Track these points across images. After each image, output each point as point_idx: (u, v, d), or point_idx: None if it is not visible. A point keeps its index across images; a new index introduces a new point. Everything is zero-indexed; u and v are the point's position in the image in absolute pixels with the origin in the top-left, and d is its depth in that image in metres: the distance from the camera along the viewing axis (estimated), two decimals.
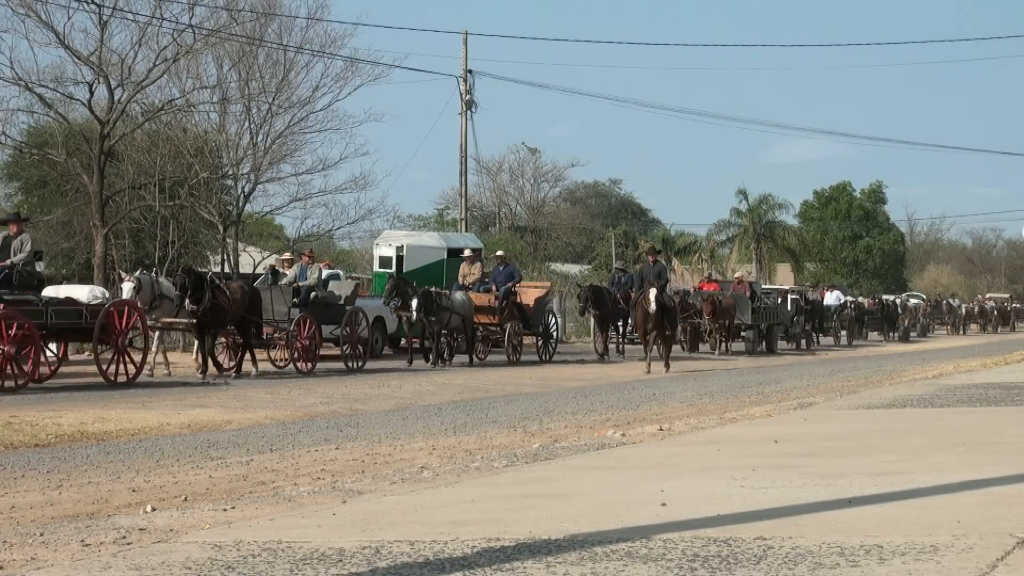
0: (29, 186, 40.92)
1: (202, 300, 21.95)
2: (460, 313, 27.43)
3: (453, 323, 27.44)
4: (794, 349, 40.86)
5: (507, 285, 29.12)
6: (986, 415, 13.55)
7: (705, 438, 11.78)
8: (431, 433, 13.93)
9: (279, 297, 24.28)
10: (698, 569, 5.59)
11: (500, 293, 28.94)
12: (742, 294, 37.03)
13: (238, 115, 38.18)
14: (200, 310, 21.94)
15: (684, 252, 73.39)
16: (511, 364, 27.78)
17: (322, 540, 6.57)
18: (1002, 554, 5.71)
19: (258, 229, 47.61)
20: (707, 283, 39.99)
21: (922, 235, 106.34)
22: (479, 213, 64.28)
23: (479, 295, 28.80)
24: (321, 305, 25.22)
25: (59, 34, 34.19)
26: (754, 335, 37.46)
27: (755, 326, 37.40)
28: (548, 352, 30.35)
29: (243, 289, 23.21)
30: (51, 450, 12.44)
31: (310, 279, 25.30)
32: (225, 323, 22.83)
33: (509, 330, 28.62)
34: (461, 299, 27.75)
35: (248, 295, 23.12)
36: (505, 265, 30.13)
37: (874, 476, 8.39)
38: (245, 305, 22.90)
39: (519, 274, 30.85)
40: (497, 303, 28.86)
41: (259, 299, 23.49)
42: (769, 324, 38.32)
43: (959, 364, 27.11)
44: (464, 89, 46.31)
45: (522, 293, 30.24)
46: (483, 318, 28.93)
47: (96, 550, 6.65)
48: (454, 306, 27.27)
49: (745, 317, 36.62)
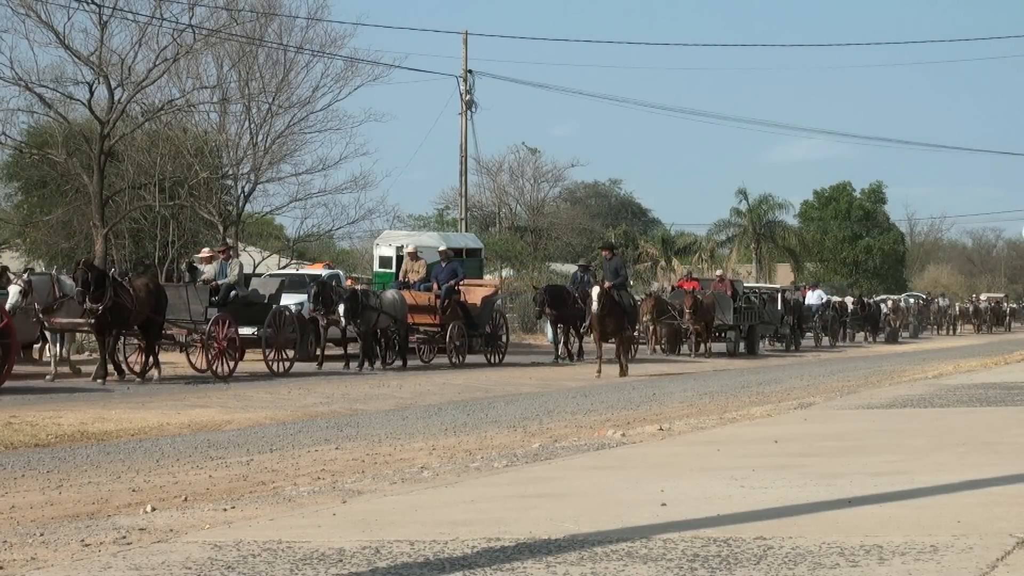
0: (29, 186, 40.98)
1: (103, 299, 20.48)
2: (390, 313, 25.68)
3: (382, 323, 25.75)
4: (783, 350, 39.67)
5: (449, 283, 27.54)
6: (986, 415, 13.54)
7: (705, 438, 11.77)
8: (431, 433, 13.93)
9: (195, 296, 22.63)
10: (698, 569, 5.59)
11: (441, 292, 27.36)
12: (723, 293, 35.53)
13: (238, 115, 38.27)
14: (100, 309, 20.47)
15: (684, 252, 73.39)
16: (453, 367, 26.25)
17: (322, 540, 6.56)
18: (1002, 554, 5.71)
19: (258, 229, 47.67)
20: (687, 281, 37.92)
21: (922, 235, 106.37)
22: (479, 213, 64.27)
23: (419, 294, 27.31)
24: (242, 304, 23.54)
25: (59, 34, 34.28)
26: (735, 336, 35.82)
27: (736, 327, 35.76)
28: (497, 354, 28.76)
29: (148, 287, 21.68)
30: (51, 450, 12.44)
31: (230, 276, 23.43)
32: (128, 323, 21.24)
33: (451, 331, 27.01)
34: (391, 298, 26.06)
35: (154, 294, 21.66)
36: (447, 262, 28.21)
37: (874, 476, 8.39)
38: (151, 304, 21.42)
39: (462, 272, 28.98)
40: (438, 302, 27.29)
41: (166, 298, 21.99)
42: (751, 325, 36.71)
43: (959, 364, 27.10)
44: (464, 89, 46.33)
45: (468, 292, 28.72)
46: (424, 318, 27.38)
47: (96, 550, 6.65)
48: (383, 306, 25.57)
49: (726, 317, 35.10)
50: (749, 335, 36.68)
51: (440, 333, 27.40)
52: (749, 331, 36.64)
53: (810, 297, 44.94)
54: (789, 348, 40.25)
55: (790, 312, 40.96)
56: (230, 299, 23.19)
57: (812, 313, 43.89)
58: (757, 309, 37.61)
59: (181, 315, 22.33)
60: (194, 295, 22.64)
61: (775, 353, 38.27)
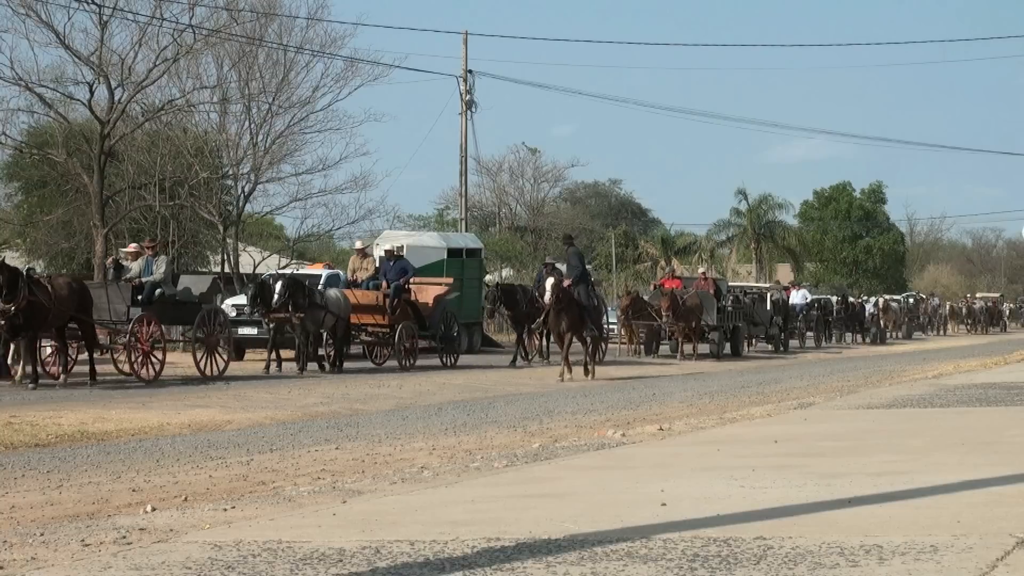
0: (29, 186, 41.01)
1: (16, 299, 19.29)
2: (334, 312, 24.34)
3: (327, 323, 24.37)
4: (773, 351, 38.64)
5: (398, 282, 26.11)
6: (986, 415, 13.55)
7: (705, 438, 11.78)
8: (431, 433, 13.93)
9: (117, 295, 21.33)
10: (698, 569, 5.59)
11: (390, 291, 25.99)
12: (707, 292, 34.07)
13: (238, 115, 38.27)
14: (13, 310, 19.31)
15: (684, 252, 73.42)
16: (403, 370, 24.89)
17: (322, 540, 6.56)
18: (1002, 554, 5.71)
19: (258, 229, 47.69)
20: (669, 279, 36.53)
21: (922, 235, 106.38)
22: (479, 213, 64.28)
23: (367, 293, 26.06)
24: (169, 304, 22.23)
25: (59, 34, 34.28)
26: (719, 337, 34.26)
27: (720, 327, 34.26)
28: (451, 356, 27.43)
29: (71, 286, 20.47)
30: (51, 450, 12.44)
31: (156, 274, 22.03)
32: (46, 324, 19.98)
33: (400, 332, 25.54)
34: (335, 296, 24.74)
35: (78, 292, 20.42)
36: (396, 260, 26.77)
37: (874, 476, 8.39)
38: (74, 304, 20.23)
39: (412, 269, 27.37)
40: (387, 302, 25.94)
41: (90, 297, 20.69)
42: (735, 325, 35.37)
43: (959, 364, 27.12)
44: (464, 89, 46.32)
45: (420, 291, 27.45)
46: (372, 318, 26.05)
47: (96, 550, 6.65)
48: (328, 304, 24.28)
49: (710, 317, 33.53)
50: (733, 336, 35.55)
51: (389, 334, 26.06)
52: (733, 332, 35.48)
53: (794, 297, 43.73)
54: (779, 349, 39.39)
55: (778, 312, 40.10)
56: (155, 298, 21.90)
57: (796, 313, 42.68)
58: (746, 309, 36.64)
59: (103, 315, 21.09)
60: (116, 293, 21.43)
61: (764, 355, 37.36)
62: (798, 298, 43.69)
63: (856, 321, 49.66)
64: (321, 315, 24.04)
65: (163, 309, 21.93)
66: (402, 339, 25.56)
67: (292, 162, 39.06)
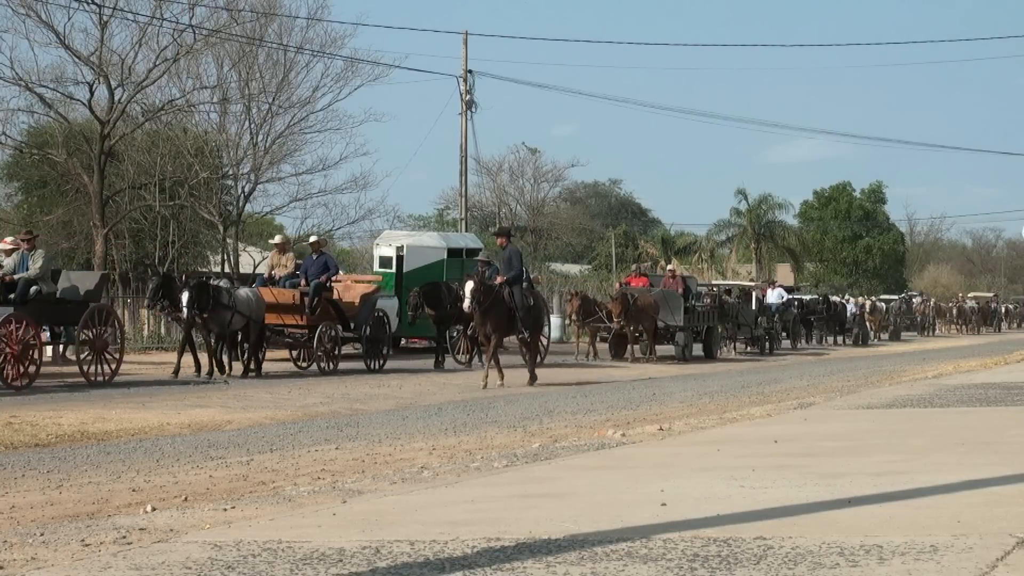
0: (29, 186, 41.02)
1: None
2: (244, 313, 22.67)
3: (236, 324, 22.73)
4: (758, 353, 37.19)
5: (319, 279, 24.23)
6: (986, 415, 13.55)
7: (705, 438, 11.78)
8: (431, 433, 13.93)
9: None
10: (698, 569, 5.59)
11: (310, 289, 24.12)
12: (673, 291, 32.13)
13: (238, 115, 38.26)
14: None
15: (684, 252, 73.47)
16: (324, 374, 23.28)
17: (322, 540, 6.57)
18: (1002, 554, 5.71)
19: (258, 229, 47.66)
20: (635, 278, 34.67)
21: (922, 235, 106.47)
22: (479, 213, 64.28)
23: (283, 291, 24.22)
24: (47, 302, 20.35)
25: (59, 34, 34.28)
26: (686, 339, 31.99)
27: (688, 328, 32.16)
28: (378, 360, 25.37)
29: None
30: (51, 450, 12.44)
31: (31, 270, 20.21)
32: None
33: (320, 333, 23.73)
34: (246, 296, 22.98)
35: None
36: (319, 255, 24.81)
37: (874, 476, 8.39)
38: None
39: (336, 266, 25.64)
40: (307, 301, 24.09)
41: None
42: (709, 326, 33.68)
43: (959, 364, 27.11)
44: (464, 89, 46.30)
45: (345, 290, 25.95)
46: (290, 319, 24.15)
47: (96, 550, 6.65)
48: (237, 304, 22.56)
49: (675, 318, 31.53)
50: (707, 337, 33.91)
51: (308, 336, 24.08)
52: (707, 333, 33.86)
53: (770, 296, 41.69)
54: (764, 351, 37.95)
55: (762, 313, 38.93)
56: (30, 296, 20.10)
57: (772, 313, 40.50)
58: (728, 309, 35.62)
59: None
60: None
61: (743, 358, 35.72)
62: (773, 297, 41.72)
63: (837, 322, 48.42)
64: (228, 316, 22.38)
65: (40, 308, 20.14)
66: (322, 341, 23.76)
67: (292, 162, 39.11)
